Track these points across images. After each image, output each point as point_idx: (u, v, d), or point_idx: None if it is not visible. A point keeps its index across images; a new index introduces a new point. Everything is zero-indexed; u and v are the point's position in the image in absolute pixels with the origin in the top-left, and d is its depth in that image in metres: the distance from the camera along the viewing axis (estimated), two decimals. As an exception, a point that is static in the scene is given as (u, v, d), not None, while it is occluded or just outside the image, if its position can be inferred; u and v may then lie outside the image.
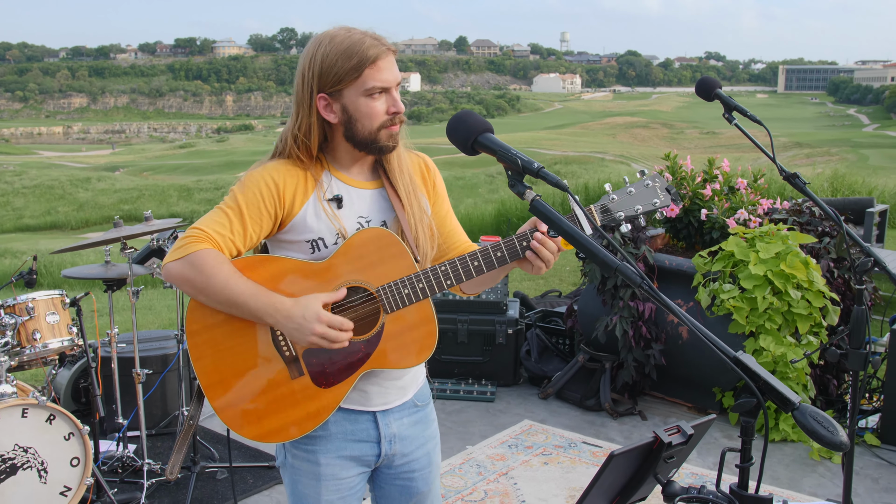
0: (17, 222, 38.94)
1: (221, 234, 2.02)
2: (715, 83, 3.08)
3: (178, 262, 1.98)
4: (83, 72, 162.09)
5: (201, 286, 1.98)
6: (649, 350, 5.09)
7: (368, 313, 2.09)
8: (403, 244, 2.10)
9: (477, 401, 5.46)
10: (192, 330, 2.07)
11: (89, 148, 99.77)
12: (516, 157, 1.78)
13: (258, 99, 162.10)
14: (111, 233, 3.93)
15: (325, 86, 2.03)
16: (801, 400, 1.49)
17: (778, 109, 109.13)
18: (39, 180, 47.30)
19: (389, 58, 2.05)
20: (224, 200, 2.08)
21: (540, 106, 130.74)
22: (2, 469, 3.52)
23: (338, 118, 2.06)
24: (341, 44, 2.01)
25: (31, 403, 3.57)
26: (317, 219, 2.08)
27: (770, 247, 4.72)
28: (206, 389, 2.07)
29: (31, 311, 3.86)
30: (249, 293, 1.98)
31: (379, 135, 2.07)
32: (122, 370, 4.51)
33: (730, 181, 5.47)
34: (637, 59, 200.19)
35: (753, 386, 1.52)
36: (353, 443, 2.18)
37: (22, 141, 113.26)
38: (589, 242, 1.70)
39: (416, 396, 2.30)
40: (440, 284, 2.06)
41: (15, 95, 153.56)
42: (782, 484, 4.31)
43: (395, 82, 2.07)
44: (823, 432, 1.47)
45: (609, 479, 1.62)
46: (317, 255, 2.10)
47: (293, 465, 2.20)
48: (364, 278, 2.07)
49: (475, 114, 1.89)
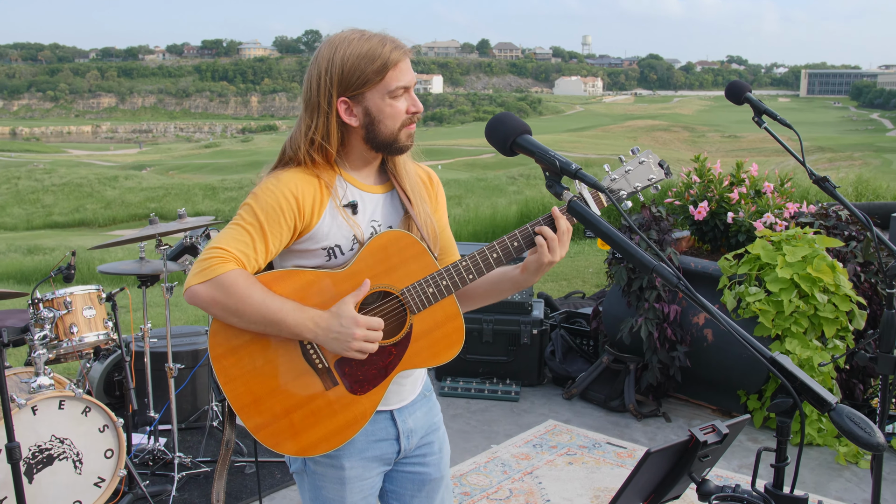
0: (46, 219, 39.32)
1: (245, 252, 1.98)
2: (745, 87, 3.07)
3: (204, 285, 1.93)
4: (112, 72, 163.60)
5: (233, 308, 1.94)
6: (674, 352, 5.07)
7: (396, 316, 2.09)
8: (422, 244, 2.09)
9: (502, 400, 5.46)
10: (217, 354, 2.02)
11: (117, 147, 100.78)
12: (554, 159, 1.79)
13: (283, 100, 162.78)
14: (147, 229, 3.98)
15: (348, 89, 2.02)
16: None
17: (800, 114, 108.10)
18: (69, 178, 47.71)
19: (408, 59, 2.07)
20: (241, 216, 2.02)
21: (561, 108, 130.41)
22: (39, 459, 3.57)
23: (359, 121, 2.05)
24: (361, 47, 2.01)
25: (67, 395, 3.62)
26: (334, 227, 2.07)
27: (796, 250, 4.69)
28: (239, 412, 2.04)
29: (68, 306, 3.91)
30: (287, 310, 1.96)
31: (399, 135, 2.07)
32: (155, 365, 4.56)
33: (756, 185, 5.44)
34: (658, 63, 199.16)
35: (790, 386, 1.52)
36: (374, 443, 2.18)
37: (52, 140, 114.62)
38: (626, 242, 1.71)
39: (424, 387, 2.33)
40: (463, 279, 2.05)
41: (46, 95, 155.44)
42: (808, 488, 4.28)
43: (414, 82, 2.09)
44: (861, 433, 1.46)
45: (645, 477, 1.63)
46: (333, 262, 2.08)
47: (315, 472, 2.18)
48: (388, 281, 2.07)
49: (514, 115, 1.90)
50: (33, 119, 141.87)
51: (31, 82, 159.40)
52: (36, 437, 3.55)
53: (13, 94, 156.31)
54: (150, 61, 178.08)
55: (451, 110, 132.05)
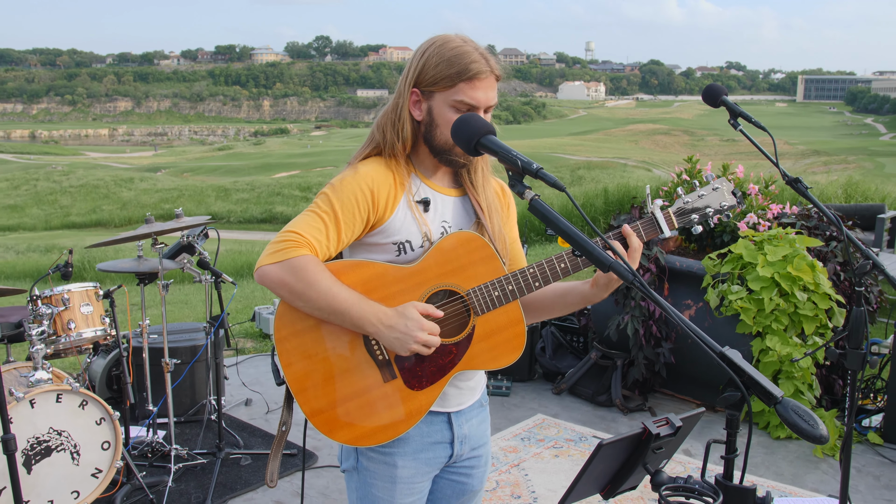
0: (64, 219, 39.44)
1: (319, 239, 1.95)
2: (721, 90, 3.06)
3: (276, 266, 1.90)
4: (128, 77, 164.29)
5: (300, 292, 1.91)
6: (659, 348, 5.07)
7: (459, 316, 2.04)
8: (492, 247, 2.05)
9: (493, 395, 5.46)
10: (281, 336, 1.99)
11: (133, 149, 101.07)
12: (516, 158, 1.78)
13: (294, 104, 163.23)
14: (142, 229, 3.99)
15: (421, 83, 2.01)
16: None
17: (797, 118, 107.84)
18: (86, 180, 47.86)
19: (489, 80, 2.01)
20: (317, 204, 2.00)
21: (565, 113, 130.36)
22: (38, 451, 3.58)
23: (422, 117, 2.03)
24: (451, 50, 1.99)
25: (65, 389, 3.63)
26: (406, 222, 2.03)
27: (777, 250, 4.68)
28: (296, 395, 1.99)
29: (66, 302, 3.93)
30: (351, 302, 1.92)
31: (455, 148, 2.00)
32: (153, 360, 4.57)
33: (742, 186, 5.42)
34: (660, 68, 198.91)
35: (738, 380, 1.52)
36: (429, 445, 2.13)
37: (70, 142, 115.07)
38: (584, 241, 1.70)
39: (482, 396, 2.27)
40: (529, 286, 2.02)
41: (64, 99, 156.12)
42: (785, 480, 4.27)
43: (487, 105, 2.03)
44: (804, 425, 1.46)
45: (599, 468, 1.63)
46: (402, 257, 2.04)
47: (367, 468, 2.12)
48: (454, 281, 2.03)
49: (479, 117, 1.89)
50: (52, 122, 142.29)
51: (50, 87, 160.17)
52: (34, 429, 3.56)
53: (32, 98, 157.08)
54: (165, 66, 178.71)
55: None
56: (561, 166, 44.57)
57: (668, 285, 5.18)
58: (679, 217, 2.11)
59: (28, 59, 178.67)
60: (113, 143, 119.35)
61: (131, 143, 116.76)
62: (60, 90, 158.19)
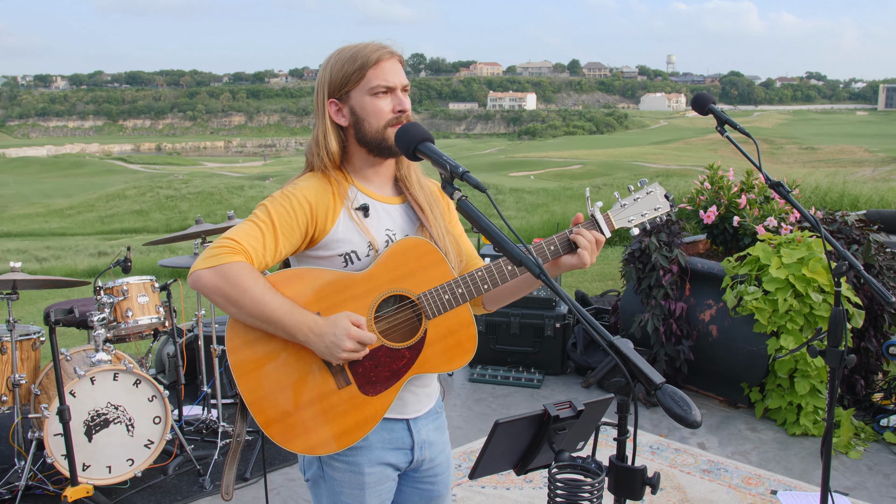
0: (182, 223, 41.07)
1: (255, 248, 1.87)
2: (709, 98, 3.04)
3: (209, 271, 1.82)
4: (242, 94, 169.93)
5: (234, 299, 1.82)
6: (679, 346, 4.99)
7: (410, 320, 1.99)
8: (441, 252, 2.01)
9: (524, 387, 5.48)
10: (233, 346, 1.89)
11: (245, 160, 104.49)
12: (446, 163, 1.82)
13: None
14: (192, 229, 4.19)
15: (335, 90, 2.00)
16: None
17: (877, 126, 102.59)
18: (202, 188, 49.76)
19: (392, 61, 2.00)
20: (255, 215, 1.93)
21: (646, 123, 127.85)
22: (97, 422, 3.82)
23: (347, 120, 2.01)
24: (349, 51, 1.99)
25: (120, 369, 3.86)
26: (349, 232, 1.98)
27: (793, 252, 4.55)
28: (251, 406, 1.89)
29: (125, 293, 4.17)
30: (284, 310, 1.84)
31: (386, 133, 1.99)
32: (208, 346, 4.78)
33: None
34: (739, 80, 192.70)
35: (624, 368, 1.53)
36: (390, 451, 2.06)
37: (190, 154, 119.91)
38: (500, 237, 1.74)
39: (437, 403, 2.20)
40: (478, 289, 1.98)
41: (186, 115, 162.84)
42: (794, 475, 4.15)
43: (400, 85, 2.01)
44: (678, 410, 1.46)
45: (503, 445, 1.66)
46: (350, 268, 1.98)
47: (333, 477, 2.04)
48: (405, 286, 1.96)
49: (420, 125, 1.92)
50: (175, 136, 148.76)
51: (174, 104, 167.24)
52: (94, 403, 3.81)
53: (159, 114, 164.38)
54: (274, 84, 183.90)
55: (544, 125, 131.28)
56: (641, 174, 43.73)
57: (690, 286, 5.09)
58: (617, 219, 2.11)
59: (155, 79, 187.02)
60: (228, 153, 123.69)
61: (244, 154, 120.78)
62: (183, 107, 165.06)
